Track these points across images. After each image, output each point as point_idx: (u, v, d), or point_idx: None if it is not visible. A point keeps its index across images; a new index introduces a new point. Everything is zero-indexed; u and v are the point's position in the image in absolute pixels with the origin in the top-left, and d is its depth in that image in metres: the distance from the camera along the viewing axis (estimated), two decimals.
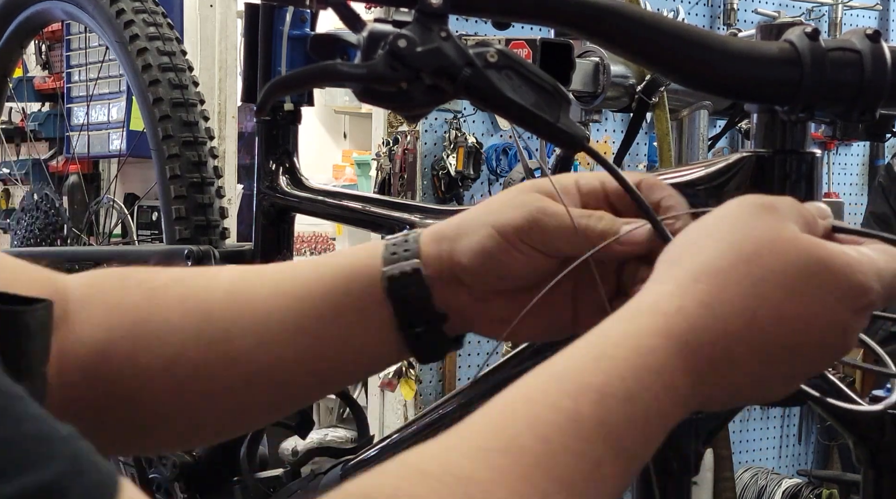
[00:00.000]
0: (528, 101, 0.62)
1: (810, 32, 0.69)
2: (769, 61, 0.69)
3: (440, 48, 0.61)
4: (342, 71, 0.62)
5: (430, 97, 0.63)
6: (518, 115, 0.63)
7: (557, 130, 0.63)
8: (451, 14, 0.63)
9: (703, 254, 0.56)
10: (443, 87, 0.62)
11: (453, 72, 0.61)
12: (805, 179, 0.75)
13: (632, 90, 1.63)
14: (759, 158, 0.76)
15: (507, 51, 0.63)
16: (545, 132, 0.63)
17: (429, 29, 0.62)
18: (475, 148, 3.39)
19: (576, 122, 0.63)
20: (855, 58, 0.68)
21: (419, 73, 0.61)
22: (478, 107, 0.65)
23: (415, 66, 0.61)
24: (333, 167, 5.58)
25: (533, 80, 0.63)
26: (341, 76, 0.62)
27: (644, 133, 3.29)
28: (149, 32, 1.67)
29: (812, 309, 0.55)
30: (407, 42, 0.61)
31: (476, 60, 0.62)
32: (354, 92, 0.64)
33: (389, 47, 0.61)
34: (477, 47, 0.63)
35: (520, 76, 0.63)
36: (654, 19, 0.68)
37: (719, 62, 0.68)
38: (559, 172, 1.88)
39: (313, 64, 0.63)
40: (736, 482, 3.54)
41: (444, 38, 0.62)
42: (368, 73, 0.61)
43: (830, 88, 0.68)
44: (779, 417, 4.08)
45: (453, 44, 0.62)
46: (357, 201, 1.44)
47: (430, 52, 0.61)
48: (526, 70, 0.63)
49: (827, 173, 4.06)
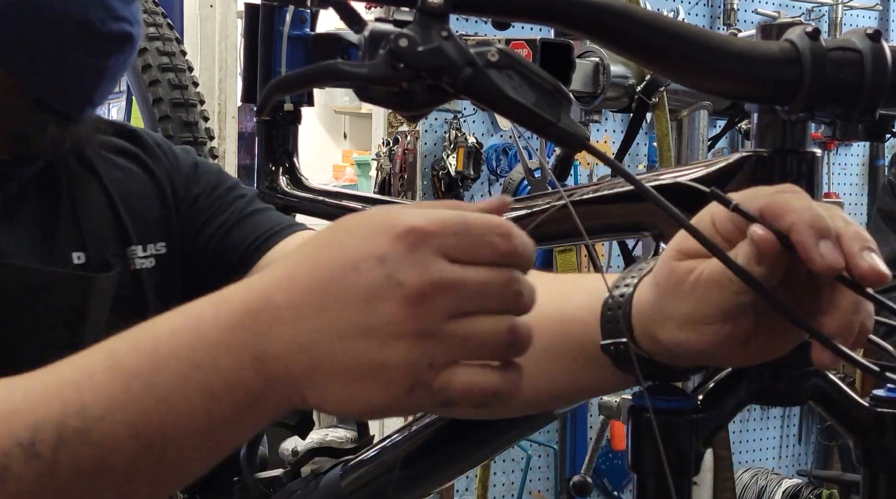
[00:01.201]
0: (529, 101, 0.62)
1: (811, 32, 0.69)
2: (770, 61, 0.68)
3: (441, 48, 0.61)
4: (343, 70, 0.62)
5: (431, 97, 0.63)
6: (519, 115, 0.63)
7: (559, 129, 0.63)
8: (451, 14, 0.63)
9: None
10: (444, 86, 0.62)
11: (454, 71, 0.61)
12: (805, 178, 0.75)
13: (632, 90, 1.64)
14: (759, 157, 0.76)
15: (508, 50, 0.63)
16: (546, 132, 0.63)
17: (430, 28, 0.61)
18: (475, 148, 3.39)
19: (577, 122, 0.63)
20: (856, 58, 0.68)
21: (420, 73, 0.61)
22: (478, 106, 0.65)
23: (416, 66, 0.61)
24: (333, 167, 5.58)
25: (534, 80, 0.63)
26: (342, 76, 0.62)
27: (644, 133, 3.29)
28: (149, 33, 1.67)
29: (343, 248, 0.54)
30: (408, 42, 0.61)
31: (477, 60, 0.62)
32: (355, 92, 0.64)
33: (390, 47, 0.61)
34: (478, 47, 0.62)
35: (521, 76, 0.62)
36: (654, 19, 0.68)
37: (720, 62, 0.68)
38: (559, 172, 1.88)
39: (314, 64, 0.63)
40: (736, 483, 3.53)
41: (445, 38, 0.61)
42: (369, 72, 0.61)
43: (831, 88, 0.68)
44: (779, 417, 4.07)
45: (454, 43, 0.61)
46: (357, 201, 1.44)
47: (430, 51, 0.61)
48: (527, 70, 0.63)
49: (827, 173, 4.06)
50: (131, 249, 0.99)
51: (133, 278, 0.99)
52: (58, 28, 0.87)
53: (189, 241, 1.03)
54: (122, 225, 1.00)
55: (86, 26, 0.88)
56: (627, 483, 3.64)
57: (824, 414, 0.83)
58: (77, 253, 0.96)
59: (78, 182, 0.99)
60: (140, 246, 1.00)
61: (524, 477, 3.48)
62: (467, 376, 0.53)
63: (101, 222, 0.98)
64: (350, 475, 1.09)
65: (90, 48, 0.89)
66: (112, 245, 0.98)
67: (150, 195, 1.02)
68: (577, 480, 2.38)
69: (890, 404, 0.79)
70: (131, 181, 1.02)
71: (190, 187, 1.05)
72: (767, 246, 0.59)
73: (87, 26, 0.88)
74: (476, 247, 0.54)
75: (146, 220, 1.01)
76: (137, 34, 0.92)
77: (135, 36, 0.91)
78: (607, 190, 0.95)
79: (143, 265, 1.00)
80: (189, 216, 1.04)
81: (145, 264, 1.00)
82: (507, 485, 3.49)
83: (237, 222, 1.03)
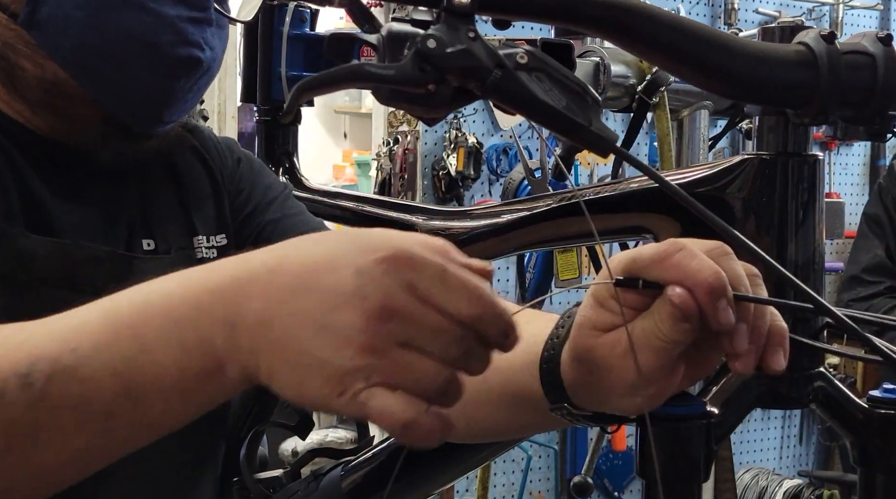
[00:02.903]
0: (560, 104, 0.61)
1: (826, 35, 0.68)
2: (786, 64, 0.68)
3: (469, 49, 0.59)
4: (370, 72, 0.60)
5: (455, 99, 0.61)
6: (550, 118, 0.61)
7: (590, 133, 0.61)
8: (477, 14, 0.61)
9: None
10: (470, 89, 0.60)
11: (483, 74, 0.59)
12: (807, 182, 0.75)
13: (632, 90, 1.63)
14: (761, 160, 0.76)
15: (537, 52, 0.61)
16: (577, 135, 0.61)
17: (457, 29, 0.60)
18: (475, 148, 3.38)
19: (606, 125, 0.62)
20: (868, 61, 0.68)
21: (447, 75, 0.60)
22: (503, 109, 0.63)
23: (444, 68, 0.59)
24: (333, 167, 5.58)
25: (563, 83, 0.61)
26: (369, 77, 0.60)
27: (644, 133, 3.28)
28: None
29: (334, 252, 0.58)
30: (436, 43, 0.59)
31: (506, 62, 0.60)
32: (377, 93, 0.63)
33: (418, 48, 0.59)
34: (505, 48, 0.60)
35: (550, 78, 0.61)
36: (677, 21, 0.67)
37: (738, 65, 0.67)
38: (559, 172, 1.88)
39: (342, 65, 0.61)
40: (737, 483, 3.53)
41: (473, 39, 0.60)
42: (397, 74, 0.60)
43: (845, 92, 0.68)
44: (780, 418, 4.07)
45: (482, 44, 0.60)
46: (357, 202, 1.44)
47: (459, 53, 0.59)
48: (557, 72, 0.61)
49: (828, 174, 4.06)
50: (198, 239, 1.04)
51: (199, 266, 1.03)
52: (127, 48, 0.91)
53: (235, 233, 1.07)
54: (188, 217, 1.04)
55: (153, 48, 0.91)
56: (628, 484, 3.64)
57: (822, 415, 0.82)
58: (147, 240, 1.00)
59: (149, 174, 1.03)
60: (205, 238, 1.04)
61: (524, 478, 3.48)
62: (388, 399, 0.56)
63: (169, 213, 1.03)
64: (350, 476, 1.09)
65: (157, 70, 0.92)
66: (180, 235, 1.03)
67: (209, 189, 1.07)
68: (578, 480, 2.38)
69: (886, 405, 0.79)
70: (194, 175, 1.06)
71: (234, 183, 1.09)
72: (688, 304, 0.63)
73: (154, 48, 0.91)
74: (443, 296, 0.57)
75: (208, 213, 1.06)
76: (210, 58, 0.95)
77: (204, 60, 0.94)
78: (609, 192, 0.95)
79: (208, 255, 1.04)
80: (233, 211, 1.08)
81: (209, 255, 1.04)
82: (508, 485, 3.49)
83: (272, 227, 1.08)
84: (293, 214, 1.10)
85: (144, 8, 0.90)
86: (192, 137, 1.08)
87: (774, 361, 0.64)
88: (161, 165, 1.04)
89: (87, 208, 0.97)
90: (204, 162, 1.08)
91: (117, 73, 0.91)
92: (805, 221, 0.78)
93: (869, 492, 0.79)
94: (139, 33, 0.90)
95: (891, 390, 0.79)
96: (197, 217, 1.04)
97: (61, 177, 0.96)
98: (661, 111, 1.69)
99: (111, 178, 0.99)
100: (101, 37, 0.90)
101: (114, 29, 0.90)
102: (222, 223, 1.07)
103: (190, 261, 1.01)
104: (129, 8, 0.90)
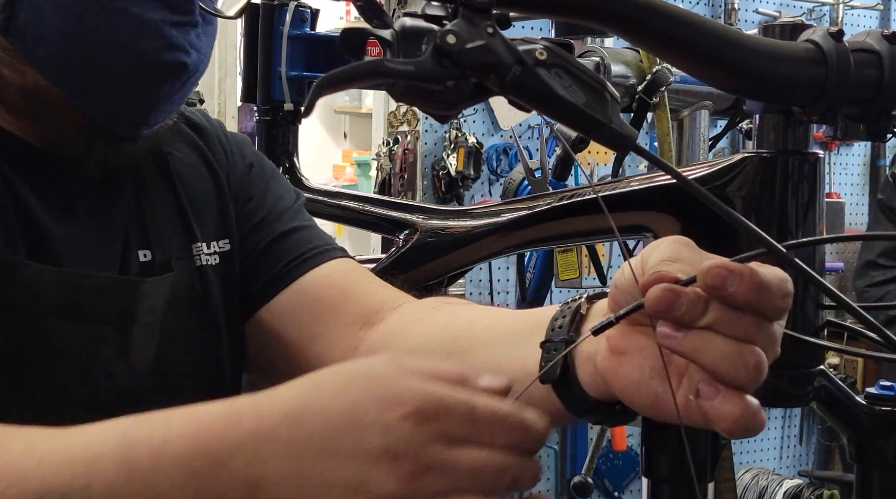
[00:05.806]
0: (580, 101, 0.60)
1: (834, 33, 0.68)
2: (798, 61, 0.68)
3: (489, 45, 0.58)
4: (390, 68, 0.59)
5: (473, 96, 0.61)
6: (570, 116, 0.60)
7: (610, 130, 0.60)
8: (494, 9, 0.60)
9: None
10: (489, 85, 0.59)
11: (503, 70, 0.58)
12: (808, 180, 0.75)
13: (632, 90, 1.63)
14: (762, 158, 0.76)
15: (557, 48, 0.60)
16: (596, 132, 0.61)
17: (475, 24, 0.58)
18: (475, 148, 3.38)
19: (625, 123, 0.61)
20: (875, 59, 0.68)
21: (466, 71, 0.59)
22: (521, 106, 0.62)
23: (463, 64, 0.58)
24: (333, 167, 5.59)
25: (582, 79, 0.60)
26: (389, 73, 0.59)
27: (645, 133, 3.29)
28: None
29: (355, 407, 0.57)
30: (456, 38, 0.58)
31: (526, 58, 0.59)
32: (392, 89, 0.62)
33: (438, 44, 0.58)
34: (524, 44, 0.60)
35: (570, 75, 0.60)
36: (690, 17, 0.66)
37: (751, 61, 0.67)
38: (560, 172, 1.88)
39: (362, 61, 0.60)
40: (737, 483, 3.53)
41: (492, 34, 0.59)
42: (417, 70, 0.59)
43: (852, 89, 0.68)
44: (780, 418, 4.07)
45: (501, 40, 0.59)
46: (357, 201, 1.44)
47: (479, 49, 0.58)
48: (575, 68, 0.60)
49: (828, 174, 4.06)
50: (197, 245, 1.01)
51: (199, 275, 1.00)
52: (109, 55, 0.87)
53: (241, 241, 1.05)
54: (187, 223, 1.01)
55: (138, 55, 0.88)
56: (628, 484, 3.63)
57: (823, 413, 0.83)
58: (143, 251, 0.97)
59: (145, 179, 1.00)
60: (205, 243, 1.01)
61: None
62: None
63: (166, 220, 0.99)
64: None
65: (143, 75, 0.90)
66: (178, 243, 1.00)
67: (212, 193, 1.03)
68: (578, 480, 2.38)
69: (883, 401, 0.80)
70: (196, 178, 1.03)
71: (243, 189, 1.06)
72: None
73: (139, 55, 0.88)
74: (478, 436, 0.57)
75: (210, 217, 1.03)
76: (195, 61, 0.92)
77: (189, 64, 0.91)
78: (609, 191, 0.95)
79: (209, 262, 1.01)
80: (241, 218, 1.05)
81: (210, 261, 1.01)
82: None
83: (281, 238, 1.04)
84: (304, 228, 1.06)
85: (127, 13, 0.86)
86: (196, 137, 1.05)
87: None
88: (157, 169, 1.01)
89: (81, 219, 0.94)
90: (208, 163, 1.04)
91: (100, 79, 0.88)
92: (805, 220, 0.77)
93: (866, 488, 0.80)
94: (122, 40, 0.87)
95: (887, 387, 0.80)
96: (197, 222, 1.01)
97: (54, 188, 0.93)
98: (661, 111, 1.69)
99: (104, 185, 0.96)
100: (82, 43, 0.86)
101: (95, 35, 0.86)
102: (225, 228, 1.03)
103: (191, 271, 0.99)
104: (111, 13, 0.86)
